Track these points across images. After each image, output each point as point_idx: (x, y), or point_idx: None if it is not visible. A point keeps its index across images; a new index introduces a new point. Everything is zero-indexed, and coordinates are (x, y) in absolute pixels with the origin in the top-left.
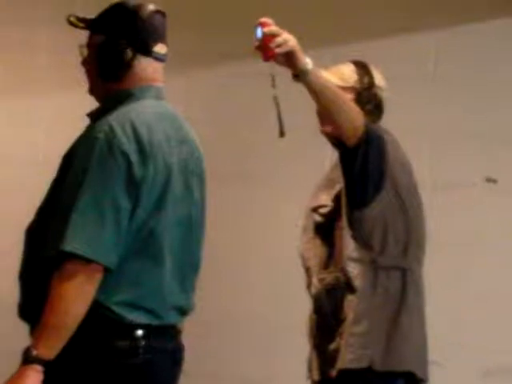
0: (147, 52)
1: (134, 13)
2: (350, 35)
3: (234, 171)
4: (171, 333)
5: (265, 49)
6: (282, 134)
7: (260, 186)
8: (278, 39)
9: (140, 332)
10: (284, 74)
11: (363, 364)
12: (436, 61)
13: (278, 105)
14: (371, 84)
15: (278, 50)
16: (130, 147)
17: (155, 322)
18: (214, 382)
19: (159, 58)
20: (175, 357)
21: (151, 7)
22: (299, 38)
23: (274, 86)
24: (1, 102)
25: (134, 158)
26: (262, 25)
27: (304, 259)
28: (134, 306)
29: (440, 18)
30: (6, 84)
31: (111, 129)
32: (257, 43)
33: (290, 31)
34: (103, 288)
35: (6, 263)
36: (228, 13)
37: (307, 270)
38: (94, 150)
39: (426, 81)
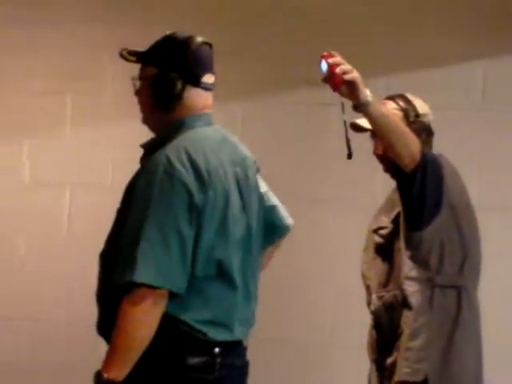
0: (197, 83)
1: (184, 45)
2: (398, 65)
3: (298, 194)
4: (240, 349)
5: (332, 79)
6: (349, 156)
7: (324, 209)
8: (344, 66)
9: (217, 349)
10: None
11: (418, 378)
12: (484, 89)
13: (346, 129)
14: (417, 115)
15: (345, 77)
16: (188, 177)
17: (229, 339)
18: None
19: (208, 88)
20: (243, 372)
21: (199, 39)
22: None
23: (343, 112)
24: (72, 130)
25: (194, 186)
26: (326, 57)
27: (365, 278)
28: (213, 324)
29: (488, 47)
30: (76, 112)
31: (169, 161)
32: (323, 76)
33: (347, 60)
34: (186, 307)
35: None
36: (285, 45)
37: (367, 287)
38: (155, 182)
39: (474, 108)
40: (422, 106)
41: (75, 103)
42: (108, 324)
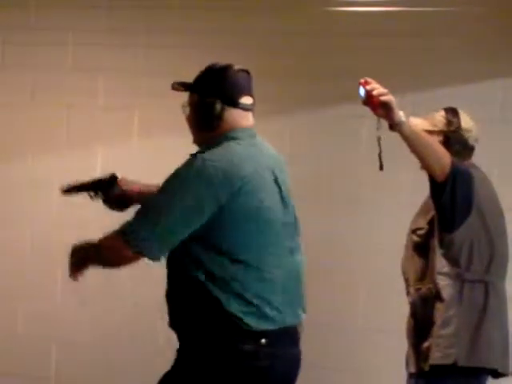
0: (235, 104)
1: (221, 72)
2: (424, 83)
3: (337, 198)
4: (291, 338)
5: (371, 101)
6: (381, 168)
7: (359, 209)
8: (380, 90)
9: (263, 340)
10: None
11: (449, 361)
12: (502, 105)
13: (380, 144)
14: (458, 127)
15: (381, 98)
16: (218, 180)
17: (276, 327)
18: (317, 370)
19: (246, 108)
20: (294, 361)
21: (235, 67)
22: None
23: (378, 128)
24: (139, 140)
25: (220, 189)
26: (363, 84)
27: (404, 272)
28: (258, 315)
29: (506, 67)
30: (142, 125)
31: (203, 161)
32: (362, 100)
33: (380, 77)
34: (234, 300)
35: None
36: (323, 63)
37: (406, 280)
38: (184, 174)
39: (494, 122)
40: (466, 122)
41: (142, 117)
42: (178, 319)
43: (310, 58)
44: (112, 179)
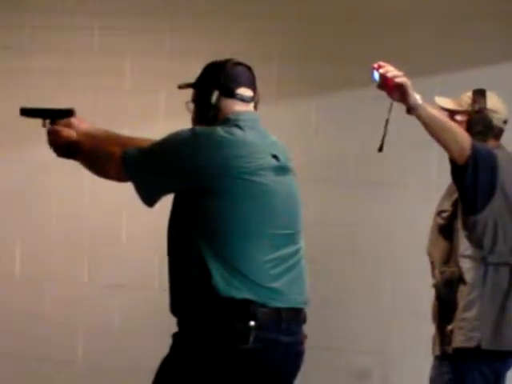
0: (231, 94)
1: (219, 66)
2: (454, 64)
3: (363, 179)
4: (287, 325)
5: (386, 84)
6: (380, 149)
7: (388, 194)
8: (394, 72)
9: (252, 323)
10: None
11: (472, 344)
12: None
13: (386, 127)
14: (483, 107)
15: (396, 80)
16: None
17: (267, 315)
18: (344, 354)
19: (244, 100)
20: (290, 351)
21: (233, 61)
22: (412, 66)
23: (389, 111)
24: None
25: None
26: (377, 68)
27: (430, 255)
28: (252, 302)
29: None
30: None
31: (194, 129)
32: (376, 84)
33: (404, 60)
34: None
35: None
36: (348, 47)
37: (432, 263)
38: (177, 132)
39: None
40: (493, 103)
41: (168, 100)
42: (178, 306)
43: (336, 42)
44: (67, 112)
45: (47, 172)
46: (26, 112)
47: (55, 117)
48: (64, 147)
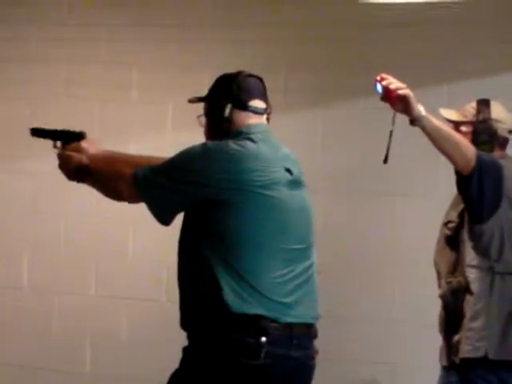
0: (244, 107)
1: (231, 79)
2: (459, 73)
3: (369, 190)
4: (298, 339)
5: (389, 97)
6: (385, 161)
7: (395, 204)
8: (397, 84)
9: (264, 338)
10: None
11: (479, 354)
12: None
13: (390, 139)
14: (487, 117)
15: (399, 92)
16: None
17: (279, 324)
18: (351, 364)
19: (257, 112)
20: (301, 364)
21: (245, 73)
22: (419, 76)
23: (393, 123)
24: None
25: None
26: (380, 80)
27: (436, 265)
28: (264, 317)
29: None
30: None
31: (205, 143)
32: (380, 96)
33: (410, 69)
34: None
35: None
36: (361, 55)
37: (438, 273)
38: (188, 148)
39: None
40: (497, 113)
41: (175, 111)
42: (189, 321)
43: (344, 49)
44: (78, 135)
45: (56, 184)
46: (37, 132)
47: (66, 139)
48: (75, 172)
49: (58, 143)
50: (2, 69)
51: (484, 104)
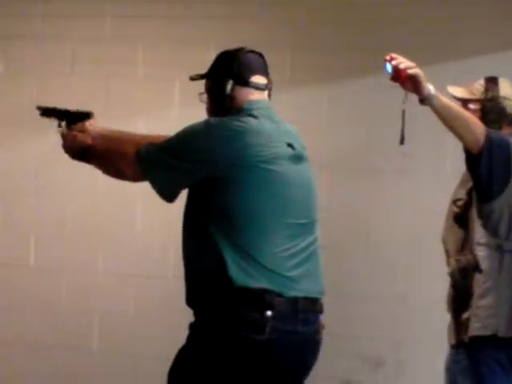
0: (245, 83)
1: (231, 55)
2: (467, 50)
3: (376, 166)
4: (304, 314)
5: (399, 75)
6: (402, 142)
7: (401, 181)
8: (407, 63)
9: (269, 313)
10: None
11: (488, 332)
12: None
13: (404, 118)
14: (495, 95)
15: (409, 71)
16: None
17: (284, 305)
18: (359, 341)
19: (259, 87)
20: (307, 339)
21: (246, 49)
22: (426, 54)
23: (404, 102)
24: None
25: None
26: (389, 60)
27: (445, 243)
28: (269, 291)
29: None
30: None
31: (208, 120)
32: (390, 76)
33: (418, 46)
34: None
35: None
36: (366, 34)
37: (447, 251)
38: (191, 126)
39: None
40: (506, 90)
41: (182, 87)
42: (194, 297)
43: (350, 29)
44: (86, 115)
45: (62, 163)
46: (44, 111)
47: (73, 119)
48: (79, 152)
49: (63, 123)
50: (6, 45)
51: (492, 82)
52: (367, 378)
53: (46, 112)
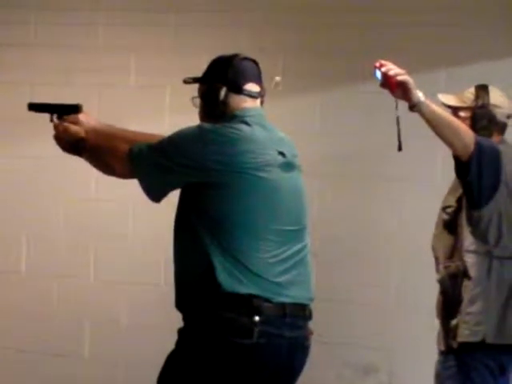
0: (239, 90)
1: (226, 61)
2: (459, 58)
3: (367, 174)
4: (292, 319)
5: (388, 82)
6: (400, 148)
7: (392, 189)
8: (396, 70)
9: (257, 318)
10: None
11: (477, 338)
12: None
13: (398, 125)
14: (486, 103)
15: (398, 78)
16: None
17: (272, 310)
18: (347, 348)
19: (252, 95)
20: (294, 344)
21: (240, 56)
22: (417, 61)
23: (396, 108)
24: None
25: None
26: (379, 67)
27: (434, 250)
28: (257, 297)
29: None
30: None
31: (201, 125)
32: (380, 83)
33: (408, 53)
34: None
35: None
36: (360, 40)
37: (436, 258)
38: (185, 129)
39: None
40: (496, 98)
41: (173, 95)
42: (183, 301)
43: (342, 35)
44: (75, 108)
45: (54, 168)
46: (34, 107)
47: (63, 112)
48: (71, 144)
49: (55, 117)
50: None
51: (482, 89)
52: None
53: (34, 107)
